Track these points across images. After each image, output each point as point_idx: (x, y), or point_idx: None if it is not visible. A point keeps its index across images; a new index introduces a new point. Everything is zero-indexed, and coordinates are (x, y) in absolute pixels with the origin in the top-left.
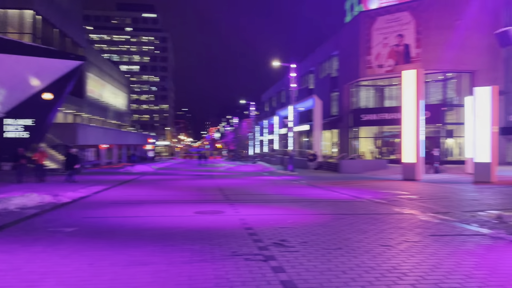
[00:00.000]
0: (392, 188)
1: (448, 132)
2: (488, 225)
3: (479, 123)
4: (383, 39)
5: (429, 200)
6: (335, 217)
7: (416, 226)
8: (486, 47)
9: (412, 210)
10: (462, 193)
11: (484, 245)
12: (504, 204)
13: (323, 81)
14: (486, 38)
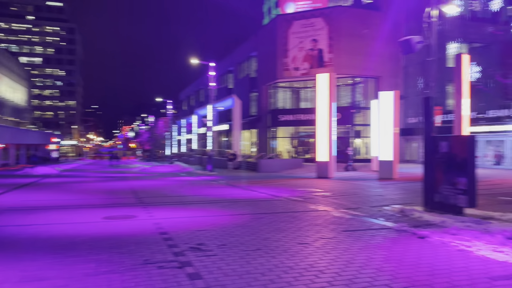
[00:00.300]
0: (307, 186)
1: (356, 132)
2: (393, 218)
3: (383, 124)
4: (299, 42)
5: (341, 197)
6: (254, 217)
7: (330, 222)
8: (389, 55)
9: (326, 207)
10: (369, 189)
11: (391, 238)
12: (405, 198)
13: (242, 81)
14: (389, 47)
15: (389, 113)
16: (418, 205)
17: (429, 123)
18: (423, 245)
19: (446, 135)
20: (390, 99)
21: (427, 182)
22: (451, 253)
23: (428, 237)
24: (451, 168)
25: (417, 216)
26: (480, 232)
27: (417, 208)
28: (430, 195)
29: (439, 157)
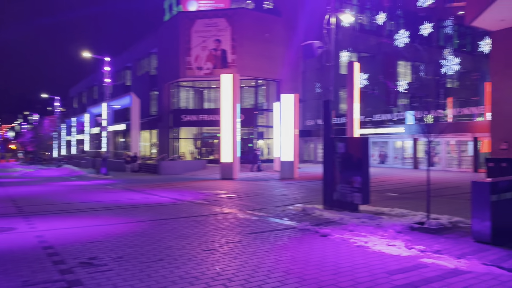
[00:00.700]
0: (212, 188)
1: (260, 134)
2: (296, 218)
3: (285, 126)
4: (202, 41)
5: (246, 198)
6: (155, 224)
7: (236, 225)
8: (289, 60)
9: (232, 209)
10: (273, 189)
11: (296, 238)
12: (306, 197)
13: (142, 79)
14: (289, 52)
15: (290, 115)
16: (319, 203)
17: (328, 125)
18: (326, 244)
19: (344, 137)
20: (291, 101)
21: (326, 181)
22: (351, 249)
23: (330, 235)
24: (348, 167)
25: (318, 214)
26: (374, 227)
27: (317, 207)
28: (329, 194)
29: (337, 158)
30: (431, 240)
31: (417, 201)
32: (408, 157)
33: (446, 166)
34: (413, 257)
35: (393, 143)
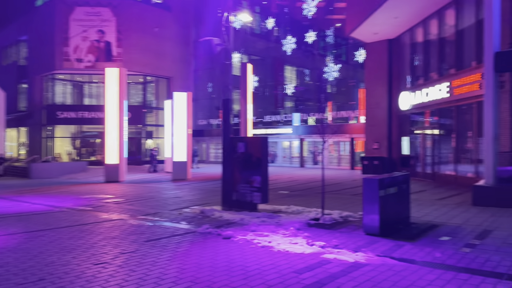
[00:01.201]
0: (95, 192)
1: (148, 133)
2: (195, 221)
3: (177, 125)
4: (82, 31)
5: (137, 202)
6: (30, 236)
7: (129, 232)
8: (180, 56)
9: (122, 214)
10: (165, 191)
11: (198, 243)
12: (202, 199)
13: (8, 69)
14: (180, 48)
15: (183, 114)
16: (217, 204)
17: (228, 124)
18: (230, 246)
19: (243, 136)
20: (183, 100)
21: (225, 181)
22: (257, 251)
23: (233, 236)
24: (248, 167)
25: (218, 216)
26: (275, 226)
27: (216, 208)
28: (229, 194)
29: (236, 157)
30: (328, 235)
31: (308, 198)
32: (295, 156)
33: (328, 164)
34: (315, 254)
35: (282, 143)
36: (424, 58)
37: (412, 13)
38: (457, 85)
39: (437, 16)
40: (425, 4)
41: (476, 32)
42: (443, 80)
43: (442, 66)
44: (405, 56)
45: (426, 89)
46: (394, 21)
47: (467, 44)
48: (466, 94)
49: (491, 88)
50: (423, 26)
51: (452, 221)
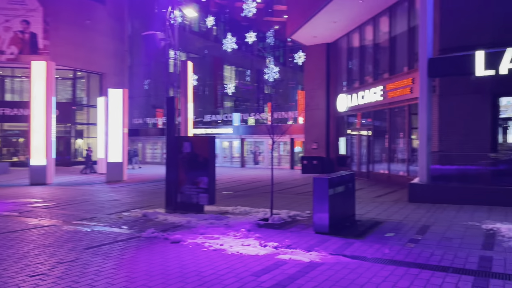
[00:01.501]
0: (20, 196)
1: (78, 132)
2: (138, 225)
3: (112, 124)
4: (5, 21)
5: (69, 206)
6: None
7: (65, 240)
8: (114, 51)
9: (54, 220)
10: (101, 194)
11: (145, 248)
12: (142, 201)
13: None
14: (114, 43)
15: (118, 112)
16: (160, 207)
17: (172, 123)
18: (181, 251)
19: (189, 136)
20: (119, 97)
21: (169, 183)
22: (209, 255)
23: (182, 240)
24: (194, 168)
25: (162, 219)
26: (224, 228)
27: (159, 211)
28: (173, 196)
29: (182, 158)
30: (280, 236)
31: (253, 198)
32: (236, 156)
33: (268, 164)
34: (270, 255)
35: (222, 143)
36: (360, 62)
37: (350, 19)
38: (391, 89)
39: (372, 22)
40: (362, 10)
41: (408, 39)
42: (378, 84)
43: (377, 70)
44: (342, 59)
45: (362, 92)
46: (333, 25)
47: (400, 50)
48: (399, 98)
49: (425, 92)
50: (359, 32)
51: (393, 218)
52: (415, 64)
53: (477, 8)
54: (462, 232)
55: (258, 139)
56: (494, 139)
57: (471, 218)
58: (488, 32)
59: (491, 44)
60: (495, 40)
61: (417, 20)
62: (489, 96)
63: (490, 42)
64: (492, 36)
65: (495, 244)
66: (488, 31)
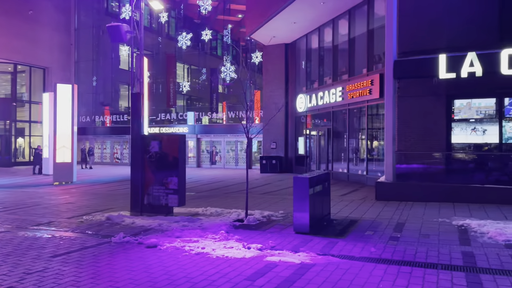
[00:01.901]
0: None
1: (19, 130)
2: (104, 229)
3: (61, 121)
4: None
5: (19, 210)
6: None
7: (26, 247)
8: (59, 45)
9: (6, 225)
10: (52, 196)
11: (120, 254)
12: (101, 204)
13: None
14: (60, 36)
15: (67, 108)
16: (123, 209)
17: (138, 121)
18: (161, 256)
19: (158, 134)
20: (68, 93)
21: (135, 183)
22: (194, 259)
23: (159, 245)
24: (162, 168)
25: (129, 222)
26: (201, 230)
27: (124, 213)
28: (139, 197)
29: (149, 157)
30: (260, 237)
31: (219, 198)
32: (191, 156)
33: (225, 164)
34: (257, 257)
35: None
36: (319, 63)
37: (310, 20)
38: (350, 90)
39: (332, 24)
40: (322, 12)
41: (367, 42)
42: (337, 85)
43: (336, 71)
44: (301, 60)
45: (321, 92)
46: (293, 26)
47: (359, 52)
48: (358, 99)
49: (391, 93)
50: (318, 33)
51: (367, 216)
52: (374, 66)
53: (435, 12)
54: (436, 228)
55: (215, 139)
56: (449, 139)
57: (439, 215)
58: (445, 37)
59: (449, 48)
60: (453, 45)
61: (375, 24)
62: (444, 98)
63: (447, 46)
64: (449, 40)
65: (471, 239)
66: (446, 35)
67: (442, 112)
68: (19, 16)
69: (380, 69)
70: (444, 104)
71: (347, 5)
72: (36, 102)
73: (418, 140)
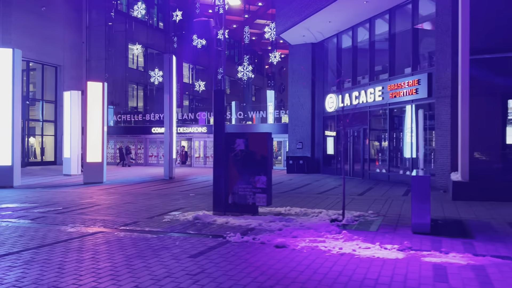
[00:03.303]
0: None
1: (31, 129)
2: (205, 229)
3: (91, 120)
4: None
5: (85, 210)
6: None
7: (147, 247)
8: (72, 43)
9: (91, 226)
10: (101, 196)
11: (258, 253)
12: (161, 204)
13: None
14: (71, 34)
15: (98, 107)
16: (199, 209)
17: (221, 118)
18: (308, 257)
19: (244, 132)
20: (99, 91)
21: (218, 182)
22: (348, 260)
23: (288, 245)
24: (249, 166)
25: (223, 221)
26: (306, 230)
27: (207, 213)
28: (223, 197)
29: (234, 155)
30: (381, 237)
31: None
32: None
33: None
34: (412, 258)
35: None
36: (353, 62)
37: (345, 19)
38: (392, 89)
39: (368, 23)
40: (362, 11)
41: (413, 41)
42: (375, 84)
43: (373, 71)
44: (330, 60)
45: (356, 92)
46: (325, 25)
47: (402, 52)
48: (402, 98)
49: (467, 92)
50: (352, 32)
51: (463, 216)
52: (418, 65)
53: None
54: None
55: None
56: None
57: None
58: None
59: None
60: None
61: (420, 23)
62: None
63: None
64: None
65: None
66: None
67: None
68: (33, 14)
69: (427, 68)
70: (499, 104)
71: (389, 4)
72: (49, 101)
73: (492, 138)
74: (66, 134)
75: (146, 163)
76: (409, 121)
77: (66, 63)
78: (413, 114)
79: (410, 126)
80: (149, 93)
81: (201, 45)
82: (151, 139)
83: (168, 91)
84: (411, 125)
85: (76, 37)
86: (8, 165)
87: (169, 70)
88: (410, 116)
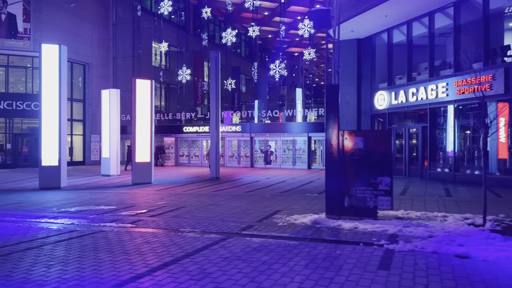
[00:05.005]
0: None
1: None
2: (338, 235)
3: (140, 119)
4: None
5: (170, 213)
6: None
7: (314, 256)
8: (99, 40)
9: (217, 234)
10: (170, 197)
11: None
12: (250, 207)
13: None
14: (99, 31)
15: (147, 105)
16: (307, 211)
17: (335, 115)
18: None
19: (361, 130)
20: (147, 88)
21: (332, 184)
22: None
23: (472, 256)
24: (369, 166)
25: (351, 226)
26: (469, 237)
27: (322, 216)
28: (338, 199)
29: (351, 155)
30: None
31: None
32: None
33: (282, 163)
34: None
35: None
36: (408, 58)
37: (401, 13)
38: (459, 85)
39: (428, 17)
40: (421, 4)
41: (484, 35)
42: (437, 80)
43: (433, 66)
44: (380, 55)
45: (413, 88)
46: (378, 20)
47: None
48: (471, 94)
49: None
50: (407, 27)
51: None
52: (489, 60)
53: None
54: None
55: (270, 138)
56: None
57: None
58: None
59: None
60: None
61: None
62: None
63: None
64: None
65: None
66: None
67: None
68: (62, 10)
69: (501, 63)
70: None
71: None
72: (77, 99)
73: None
74: (105, 134)
75: (176, 163)
76: (485, 118)
77: (94, 61)
78: (488, 111)
79: (484, 123)
80: (170, 92)
81: (231, 43)
82: (181, 138)
83: (214, 89)
84: (485, 122)
85: (103, 35)
86: (55, 165)
87: (215, 67)
88: (483, 113)
